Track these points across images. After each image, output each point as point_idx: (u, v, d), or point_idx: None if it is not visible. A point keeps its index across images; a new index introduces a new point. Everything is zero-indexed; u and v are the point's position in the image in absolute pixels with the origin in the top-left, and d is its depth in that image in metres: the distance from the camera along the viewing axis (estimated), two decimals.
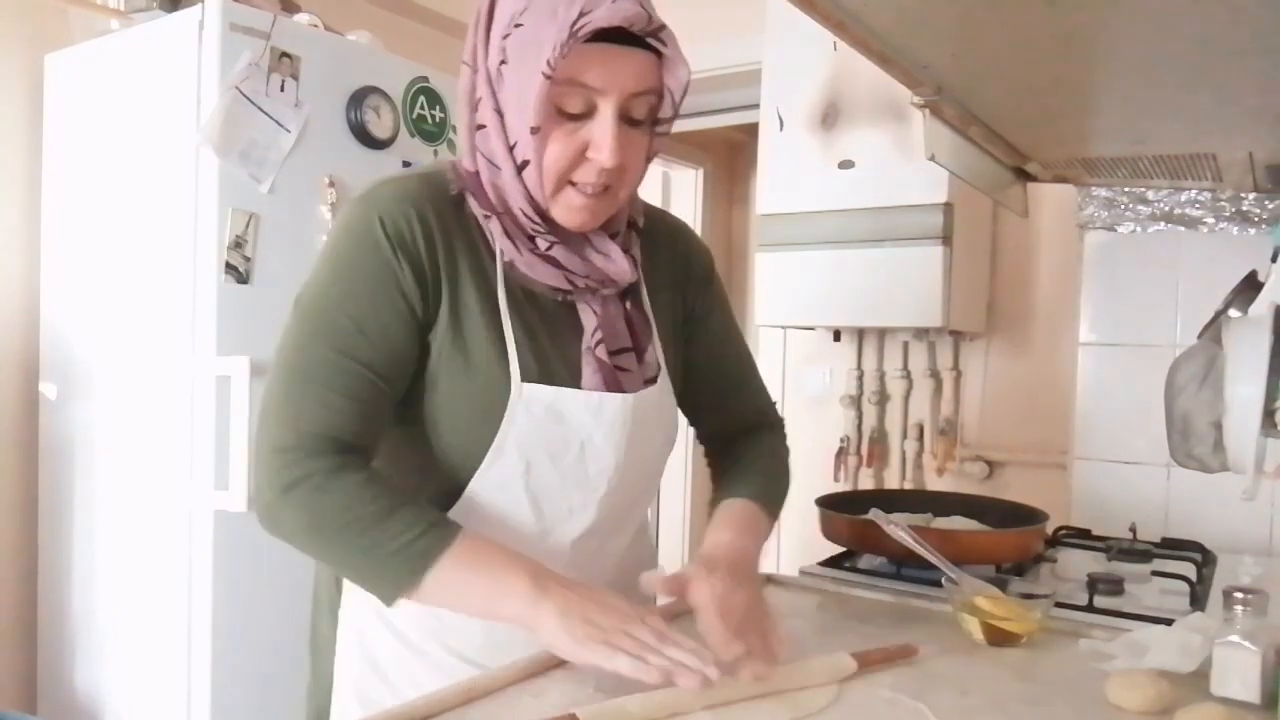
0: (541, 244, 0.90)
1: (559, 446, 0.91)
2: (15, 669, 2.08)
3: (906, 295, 1.92)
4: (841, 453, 2.31)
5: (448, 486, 0.91)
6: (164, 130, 1.84)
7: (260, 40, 1.81)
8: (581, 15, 0.79)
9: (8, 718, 1.92)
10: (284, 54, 1.85)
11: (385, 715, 0.77)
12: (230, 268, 1.78)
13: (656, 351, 1.00)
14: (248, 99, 1.79)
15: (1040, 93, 1.11)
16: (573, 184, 0.87)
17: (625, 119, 0.85)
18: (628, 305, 0.97)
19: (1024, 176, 1.54)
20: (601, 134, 0.84)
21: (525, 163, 0.86)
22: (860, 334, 2.29)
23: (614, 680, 0.80)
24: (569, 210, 0.88)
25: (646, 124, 0.88)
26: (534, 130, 0.83)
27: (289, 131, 1.86)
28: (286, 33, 1.86)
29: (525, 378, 0.88)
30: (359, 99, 1.98)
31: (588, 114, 0.84)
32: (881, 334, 2.28)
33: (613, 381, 0.93)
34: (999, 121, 1.27)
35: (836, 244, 1.99)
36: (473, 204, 0.91)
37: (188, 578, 1.78)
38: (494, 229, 0.90)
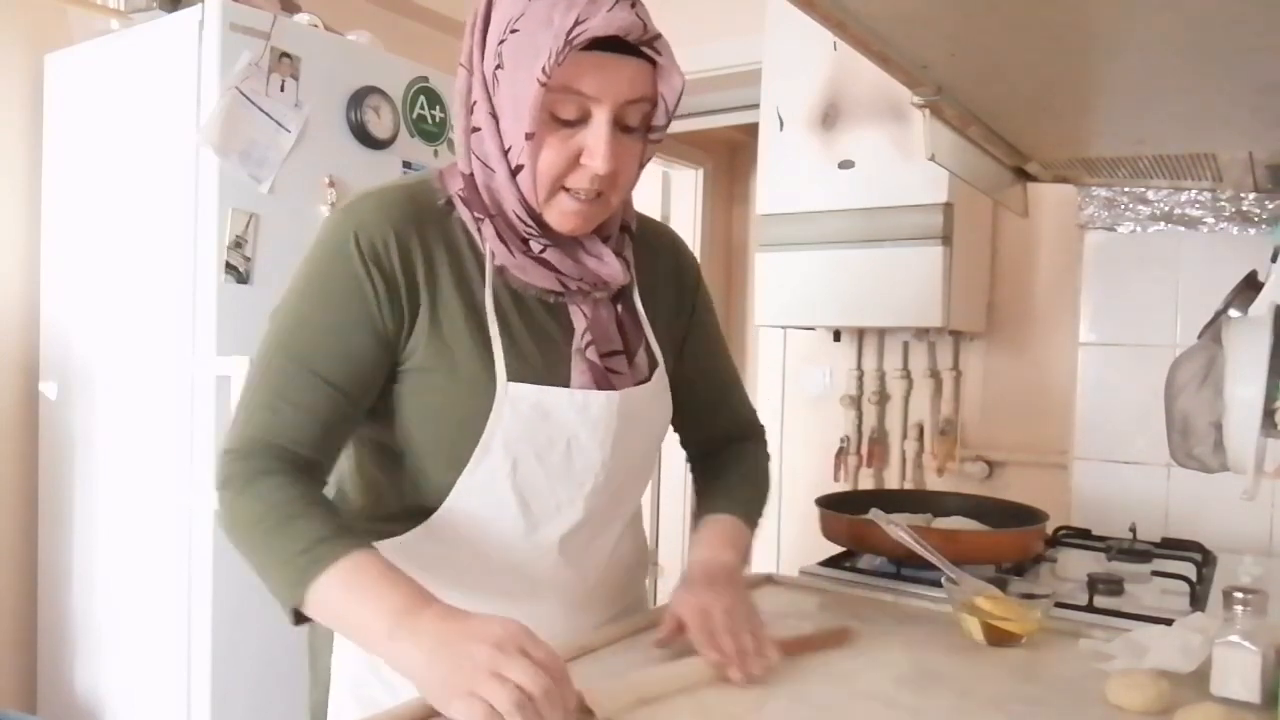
0: (535, 246, 0.91)
1: (545, 444, 0.92)
2: (15, 669, 2.08)
3: (906, 295, 1.92)
4: (841, 453, 2.31)
5: (428, 493, 0.92)
6: (164, 130, 1.84)
7: (260, 40, 1.81)
8: (577, 23, 0.80)
9: (8, 718, 1.92)
10: (284, 54, 1.85)
11: (383, 715, 0.77)
12: (230, 268, 1.78)
13: (655, 353, 1.01)
14: (248, 99, 1.79)
15: (1040, 93, 1.10)
16: (566, 189, 0.87)
17: (619, 126, 0.86)
18: (619, 309, 0.98)
19: (1024, 176, 1.54)
20: (595, 141, 0.84)
21: (519, 167, 0.87)
22: (860, 334, 2.29)
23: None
24: (562, 215, 0.89)
25: (640, 131, 0.89)
26: (529, 136, 0.84)
27: (289, 131, 1.86)
28: (286, 33, 1.86)
29: (511, 377, 0.89)
30: (359, 99, 1.98)
31: (582, 120, 0.85)
32: (881, 334, 2.28)
33: (604, 382, 0.94)
34: (999, 121, 1.27)
35: (836, 244, 1.99)
36: (463, 210, 0.92)
37: (188, 578, 1.78)
38: (487, 232, 0.91)
